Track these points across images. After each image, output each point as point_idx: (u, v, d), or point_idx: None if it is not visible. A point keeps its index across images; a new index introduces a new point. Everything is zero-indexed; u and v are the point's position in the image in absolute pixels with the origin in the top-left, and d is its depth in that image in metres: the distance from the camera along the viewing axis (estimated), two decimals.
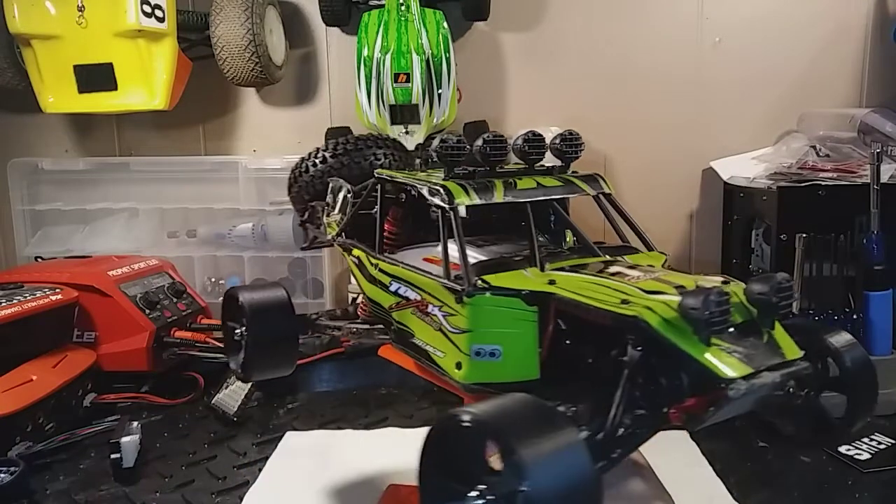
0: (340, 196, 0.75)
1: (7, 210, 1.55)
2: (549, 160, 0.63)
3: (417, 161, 1.29)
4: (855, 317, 1.08)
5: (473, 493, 0.40)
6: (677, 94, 1.52)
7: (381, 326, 0.68)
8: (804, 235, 1.11)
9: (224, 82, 1.39)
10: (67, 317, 1.16)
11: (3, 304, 1.03)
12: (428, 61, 1.28)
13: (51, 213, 1.54)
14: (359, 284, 0.64)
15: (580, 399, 0.46)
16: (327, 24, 1.49)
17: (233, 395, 1.11)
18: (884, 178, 1.10)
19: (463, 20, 1.45)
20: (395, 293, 0.56)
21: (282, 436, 1.04)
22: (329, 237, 0.73)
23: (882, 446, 0.97)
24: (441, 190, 0.54)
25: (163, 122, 1.55)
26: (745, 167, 1.41)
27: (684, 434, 1.01)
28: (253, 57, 1.32)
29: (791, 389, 0.46)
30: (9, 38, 1.30)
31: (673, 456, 0.92)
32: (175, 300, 1.28)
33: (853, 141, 1.30)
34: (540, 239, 0.61)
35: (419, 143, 1.30)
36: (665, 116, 1.52)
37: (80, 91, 1.30)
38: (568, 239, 0.65)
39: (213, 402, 1.12)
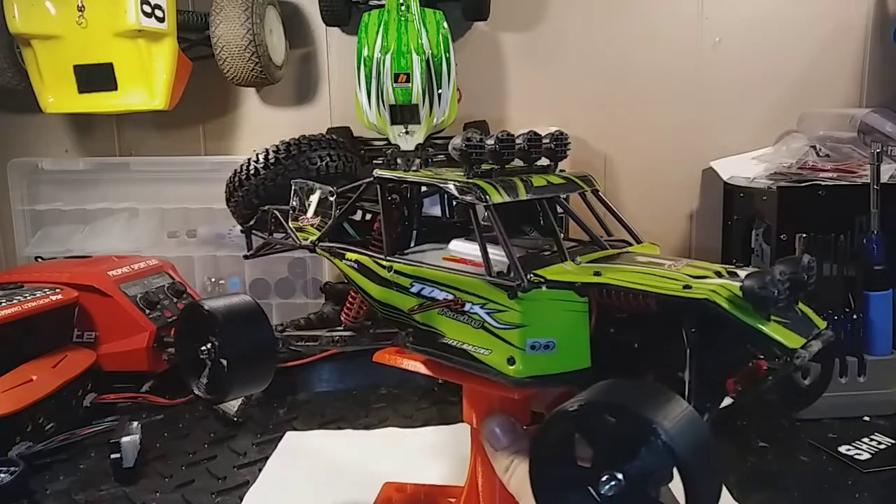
0: (314, 198, 0.70)
1: (7, 210, 1.55)
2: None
3: (417, 161, 1.29)
4: (855, 317, 1.08)
5: (605, 477, 0.41)
6: (677, 94, 1.52)
7: (369, 331, 0.66)
8: (804, 235, 1.11)
9: (224, 82, 1.39)
10: (67, 317, 1.16)
11: (3, 304, 1.03)
12: (428, 61, 1.28)
13: (51, 213, 1.54)
14: (359, 289, 0.62)
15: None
16: (327, 24, 1.49)
17: None
18: (884, 178, 1.10)
19: (463, 20, 1.45)
20: (418, 294, 0.55)
21: (282, 436, 1.04)
22: (306, 242, 0.67)
23: (882, 446, 0.97)
24: (474, 188, 0.54)
25: (163, 122, 1.55)
26: (745, 167, 1.41)
27: None
28: (253, 57, 1.32)
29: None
30: (9, 38, 1.30)
31: None
32: (175, 300, 1.28)
33: (853, 141, 1.30)
34: (532, 235, 0.63)
35: (419, 143, 1.30)
36: (665, 116, 1.52)
37: (80, 91, 1.29)
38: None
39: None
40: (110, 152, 1.59)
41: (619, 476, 0.41)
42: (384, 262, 0.59)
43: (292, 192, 0.72)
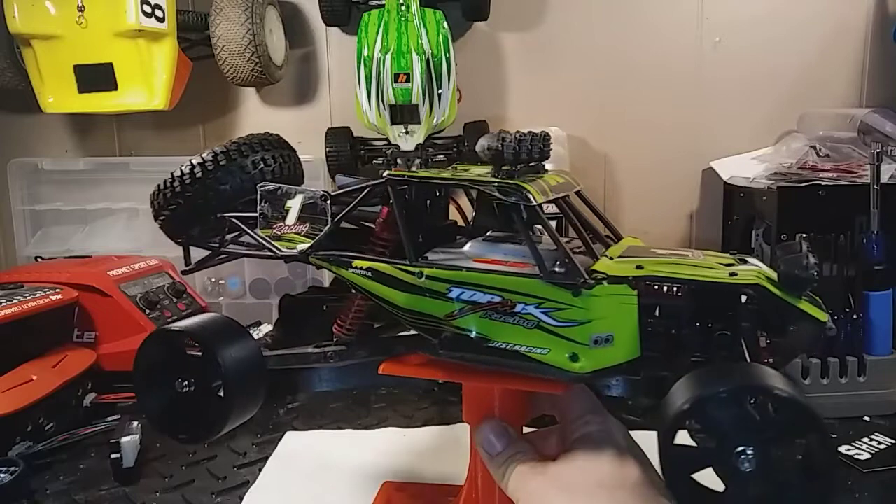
0: (294, 203, 0.63)
1: (7, 210, 1.55)
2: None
3: (417, 161, 1.29)
4: (855, 317, 1.08)
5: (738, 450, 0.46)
6: (677, 94, 1.52)
7: (364, 342, 0.62)
8: (804, 235, 1.10)
9: (224, 82, 1.39)
10: (67, 317, 1.16)
11: (3, 304, 1.03)
12: (428, 61, 1.28)
13: (51, 213, 1.54)
14: (375, 298, 0.58)
15: (678, 366, 0.52)
16: (327, 24, 1.49)
17: None
18: (884, 178, 1.10)
19: (463, 20, 1.45)
20: (457, 299, 0.54)
21: (282, 436, 1.04)
22: (290, 251, 0.61)
23: (882, 446, 0.97)
24: (518, 189, 0.55)
25: (163, 122, 1.55)
26: (745, 167, 1.41)
27: (684, 434, 1.01)
28: (253, 57, 1.32)
29: None
30: (9, 38, 1.30)
31: None
32: (175, 300, 1.28)
33: (853, 141, 1.30)
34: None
35: (419, 143, 1.30)
36: (665, 116, 1.52)
37: (80, 91, 1.29)
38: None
39: None
40: (110, 152, 1.59)
41: (749, 449, 0.45)
42: (412, 269, 0.56)
43: (259, 198, 0.65)
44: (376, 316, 0.64)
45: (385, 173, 0.59)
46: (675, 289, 0.53)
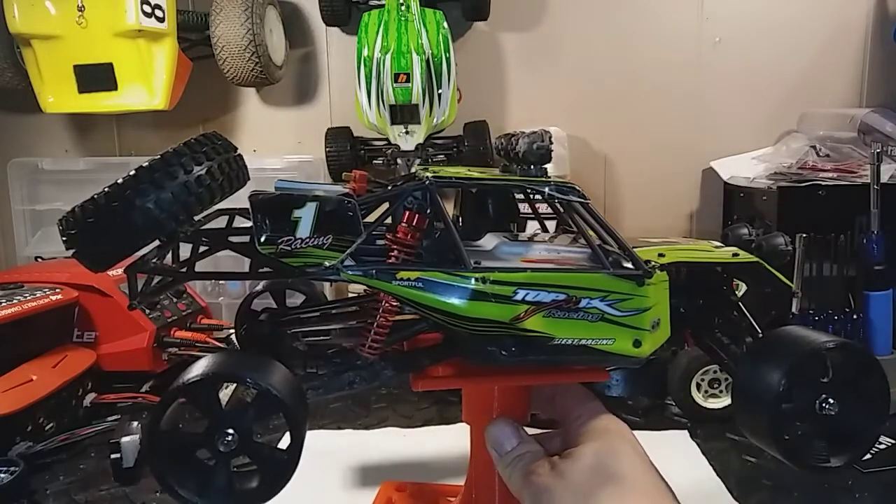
0: (305, 213, 0.52)
1: (7, 210, 1.55)
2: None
3: (418, 161, 1.29)
4: (855, 317, 1.08)
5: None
6: (677, 95, 1.52)
7: (387, 359, 0.57)
8: (804, 235, 1.11)
9: (224, 82, 1.39)
10: (67, 317, 1.16)
11: (3, 304, 1.03)
12: (428, 61, 1.28)
13: (51, 213, 1.54)
14: (427, 310, 0.53)
15: (677, 342, 0.60)
16: (327, 24, 1.49)
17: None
18: (884, 178, 1.10)
19: (463, 20, 1.46)
20: (523, 301, 0.54)
21: (282, 436, 1.03)
22: (323, 267, 0.52)
23: (882, 446, 0.97)
24: (573, 186, 0.58)
25: (163, 122, 1.55)
26: (745, 167, 1.41)
27: (684, 434, 1.01)
28: (253, 57, 1.32)
29: None
30: (9, 38, 1.30)
31: (673, 456, 0.92)
32: (175, 300, 1.28)
33: (853, 141, 1.30)
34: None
35: (419, 143, 1.30)
36: (665, 116, 1.52)
37: (81, 91, 1.29)
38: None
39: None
40: (110, 152, 1.60)
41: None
42: (474, 275, 0.54)
43: (251, 209, 0.53)
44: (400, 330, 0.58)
45: (427, 174, 0.56)
46: (682, 270, 0.60)
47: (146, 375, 1.20)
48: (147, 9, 1.24)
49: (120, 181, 0.55)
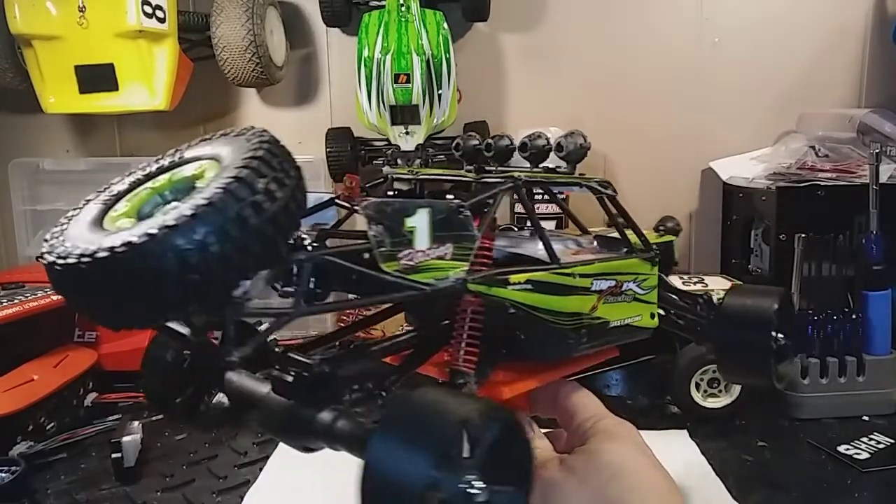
0: (419, 222, 0.47)
1: (8, 210, 1.55)
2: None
3: (418, 161, 1.29)
4: (854, 317, 1.08)
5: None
6: (677, 95, 1.52)
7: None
8: (803, 235, 1.11)
9: (224, 83, 1.40)
10: (68, 316, 1.16)
11: (4, 304, 1.03)
12: (428, 62, 1.28)
13: (52, 213, 1.54)
14: (538, 312, 0.53)
15: None
16: (328, 25, 1.49)
17: None
18: (883, 178, 1.10)
19: (463, 21, 1.46)
20: (596, 291, 0.57)
21: None
22: (454, 279, 0.47)
23: (881, 446, 0.97)
24: (608, 183, 0.66)
25: (164, 123, 1.55)
26: (745, 167, 1.41)
27: (684, 434, 1.02)
28: (253, 58, 1.33)
29: None
30: (10, 38, 1.31)
31: (672, 456, 0.92)
32: None
33: (852, 141, 1.30)
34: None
35: (419, 144, 1.30)
36: (665, 117, 1.53)
37: (81, 91, 1.30)
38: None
39: (213, 402, 1.12)
40: (111, 152, 1.60)
41: None
42: (567, 270, 0.55)
43: (368, 223, 0.46)
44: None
45: (518, 175, 0.56)
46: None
47: None
48: (148, 9, 1.24)
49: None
